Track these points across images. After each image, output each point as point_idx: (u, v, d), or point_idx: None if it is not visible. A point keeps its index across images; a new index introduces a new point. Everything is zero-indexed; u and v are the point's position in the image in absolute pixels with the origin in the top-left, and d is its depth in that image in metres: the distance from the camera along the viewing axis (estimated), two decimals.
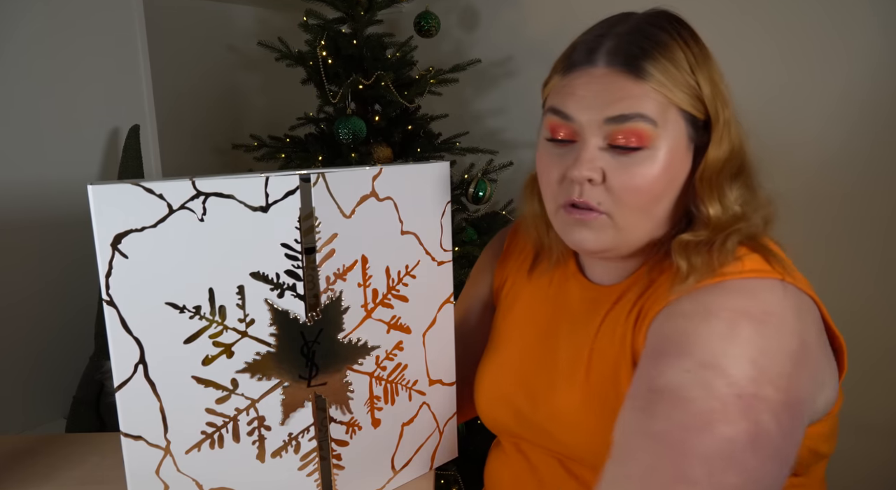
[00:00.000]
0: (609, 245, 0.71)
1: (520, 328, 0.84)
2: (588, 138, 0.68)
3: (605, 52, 0.68)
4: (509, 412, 0.81)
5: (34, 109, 1.50)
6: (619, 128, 0.66)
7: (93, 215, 0.55)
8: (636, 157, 0.67)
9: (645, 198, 0.68)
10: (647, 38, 0.68)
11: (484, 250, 0.97)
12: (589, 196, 0.69)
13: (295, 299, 0.64)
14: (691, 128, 0.69)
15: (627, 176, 0.67)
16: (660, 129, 0.66)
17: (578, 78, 0.69)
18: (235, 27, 2.07)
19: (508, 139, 2.10)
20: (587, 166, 0.68)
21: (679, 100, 0.67)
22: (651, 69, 0.66)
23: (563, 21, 1.97)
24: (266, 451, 0.66)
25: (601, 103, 0.67)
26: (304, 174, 0.63)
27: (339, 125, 1.58)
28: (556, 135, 0.71)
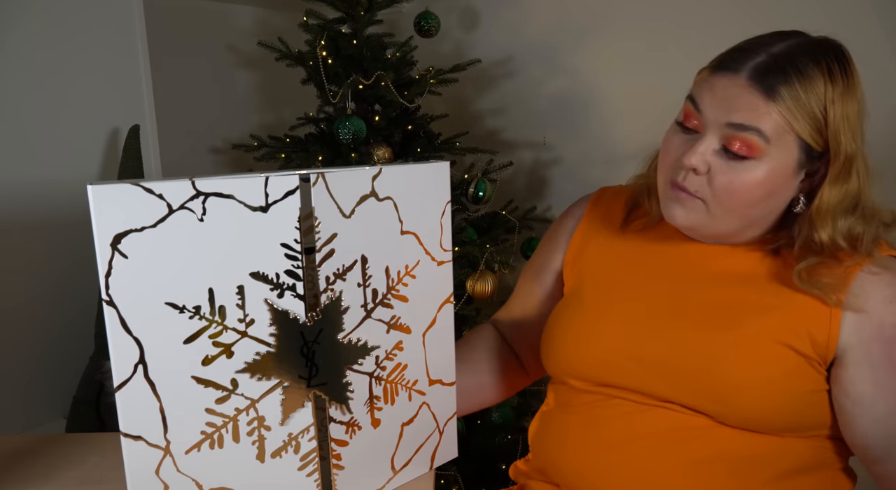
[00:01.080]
0: (696, 224, 0.79)
1: (628, 281, 0.88)
2: (708, 134, 0.76)
3: (752, 65, 0.74)
4: (625, 355, 0.82)
5: (34, 109, 1.50)
6: (735, 134, 0.74)
7: (92, 215, 0.55)
8: (742, 164, 0.74)
9: (738, 201, 0.76)
10: (794, 65, 0.73)
11: (557, 221, 1.02)
12: (690, 183, 0.77)
13: (295, 299, 0.64)
14: (804, 155, 0.75)
15: (728, 178, 0.75)
16: (771, 146, 0.73)
17: (721, 79, 0.75)
18: (235, 27, 2.07)
19: (508, 139, 2.10)
20: (697, 158, 0.75)
21: (800, 129, 0.73)
22: (784, 93, 0.72)
23: (563, 21, 1.98)
24: (266, 452, 0.66)
25: (730, 108, 0.74)
26: (304, 174, 0.63)
27: (339, 125, 1.58)
28: (687, 121, 0.79)
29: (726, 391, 0.76)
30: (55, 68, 1.53)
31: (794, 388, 0.76)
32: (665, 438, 0.79)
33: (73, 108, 1.57)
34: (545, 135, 2.05)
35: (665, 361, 0.80)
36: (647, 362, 0.81)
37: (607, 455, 0.81)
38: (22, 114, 1.48)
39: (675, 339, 0.80)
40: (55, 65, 1.53)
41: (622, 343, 0.83)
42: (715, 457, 0.77)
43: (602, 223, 0.95)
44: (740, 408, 0.76)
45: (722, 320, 0.79)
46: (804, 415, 0.77)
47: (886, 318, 0.74)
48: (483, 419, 1.69)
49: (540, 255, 1.02)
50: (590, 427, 0.84)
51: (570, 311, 0.90)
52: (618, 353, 0.83)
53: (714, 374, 0.77)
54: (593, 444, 0.83)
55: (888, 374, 0.74)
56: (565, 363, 0.88)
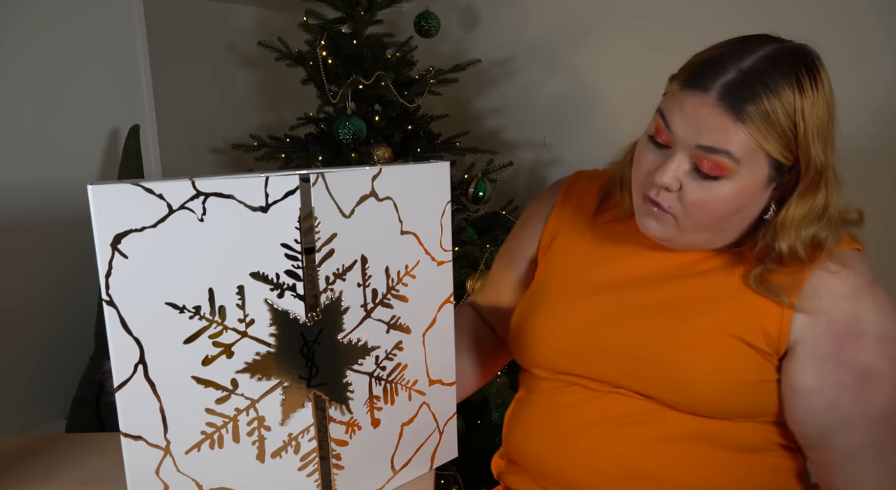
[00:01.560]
0: (669, 237, 0.81)
1: (592, 275, 0.89)
2: (678, 152, 0.76)
3: (721, 84, 0.72)
4: (590, 353, 0.85)
5: (34, 109, 1.50)
6: (705, 156, 0.74)
7: (93, 215, 0.55)
8: (713, 184, 0.75)
9: (709, 217, 0.77)
10: (762, 81, 0.72)
11: (532, 206, 1.03)
12: (662, 199, 0.78)
13: (295, 299, 0.64)
14: (774, 171, 0.75)
15: (699, 196, 0.76)
16: (741, 166, 0.73)
17: (691, 98, 0.74)
18: (235, 27, 2.07)
19: (508, 139, 2.10)
20: (669, 176, 0.76)
21: (770, 148, 0.73)
22: (753, 114, 0.71)
23: (563, 21, 1.98)
24: (266, 452, 0.66)
25: (699, 129, 0.74)
26: (304, 174, 0.63)
27: (339, 125, 1.58)
28: (658, 137, 0.78)
29: (678, 381, 0.79)
30: (55, 68, 1.53)
31: (743, 379, 0.78)
32: (619, 422, 0.82)
33: (73, 108, 1.57)
34: (545, 135, 2.05)
35: (620, 351, 0.83)
36: (603, 352, 0.84)
37: (565, 440, 0.85)
38: (22, 114, 1.48)
39: (631, 330, 0.83)
40: (55, 65, 1.53)
41: (581, 334, 0.86)
42: (666, 437, 0.81)
43: (574, 212, 0.96)
44: (691, 397, 0.79)
45: (677, 313, 0.82)
46: (753, 403, 0.80)
47: (838, 315, 0.76)
48: (483, 419, 1.69)
49: (514, 240, 1.04)
50: (549, 413, 0.87)
51: (536, 302, 0.92)
52: (576, 343, 0.86)
53: (667, 366, 0.80)
54: (552, 430, 0.86)
55: (832, 369, 0.76)
56: (528, 354, 0.90)
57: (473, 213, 1.78)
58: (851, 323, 0.76)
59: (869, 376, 0.75)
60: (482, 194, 1.67)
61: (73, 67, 1.56)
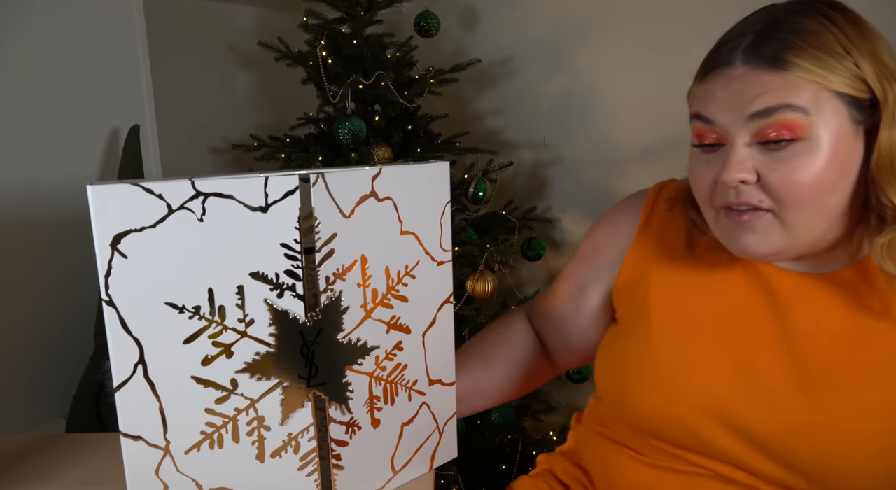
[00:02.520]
0: (778, 247, 0.67)
1: (700, 322, 0.75)
2: (735, 140, 0.65)
3: (741, 51, 0.65)
4: (715, 420, 0.70)
5: (34, 109, 1.50)
6: (766, 122, 0.63)
7: (92, 215, 0.55)
8: (792, 151, 0.63)
9: (810, 192, 0.64)
10: (786, 28, 0.64)
11: (606, 233, 0.88)
12: (749, 196, 0.65)
13: (294, 299, 0.64)
14: (854, 110, 0.64)
15: (785, 171, 0.64)
16: (813, 116, 0.62)
17: (716, 81, 0.66)
18: (235, 27, 2.07)
19: (508, 139, 2.10)
20: (737, 168, 0.65)
21: (833, 83, 0.62)
22: (793, 58, 0.62)
23: (563, 21, 1.98)
24: (266, 452, 0.66)
25: (742, 102, 0.64)
26: (304, 174, 0.63)
27: (339, 125, 1.58)
28: (703, 140, 0.69)
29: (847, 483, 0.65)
30: (55, 68, 1.53)
31: None
32: None
33: (73, 108, 1.57)
34: (545, 135, 2.05)
35: (772, 438, 0.67)
36: (745, 435, 0.68)
37: None
38: (22, 114, 1.48)
39: (782, 410, 0.67)
40: (55, 65, 1.53)
41: (711, 405, 0.70)
42: None
43: (659, 242, 0.81)
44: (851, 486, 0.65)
45: (836, 387, 0.66)
46: None
47: None
48: (483, 419, 1.69)
49: (582, 266, 0.89)
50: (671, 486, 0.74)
51: (636, 350, 0.77)
52: (706, 417, 0.70)
53: (830, 459, 0.65)
54: None
55: None
56: (636, 419, 0.76)
57: (473, 213, 1.78)
58: None
59: None
60: (482, 194, 1.67)
61: (73, 67, 1.57)
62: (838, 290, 0.70)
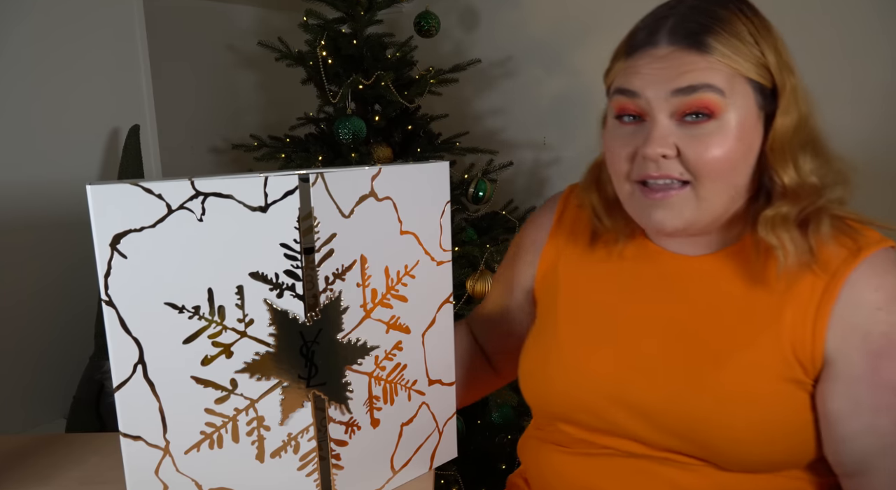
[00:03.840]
0: (689, 222, 0.71)
1: (596, 308, 0.81)
2: (657, 114, 0.69)
3: (666, 32, 0.69)
4: (608, 398, 0.76)
5: (34, 109, 1.50)
6: (687, 99, 0.68)
7: (92, 215, 0.55)
8: (707, 128, 0.68)
9: (723, 167, 0.69)
10: (706, 14, 0.69)
11: (527, 229, 0.94)
12: (669, 169, 0.70)
13: (294, 299, 0.64)
14: (760, 96, 0.70)
15: (702, 147, 0.68)
16: (728, 98, 0.68)
17: (641, 58, 0.70)
18: (235, 27, 2.07)
19: (508, 139, 2.10)
20: (660, 142, 0.69)
21: (745, 69, 0.68)
22: (713, 43, 0.67)
23: (563, 21, 1.98)
24: (265, 451, 0.66)
25: (667, 78, 0.68)
26: (303, 174, 0.63)
27: (339, 125, 1.58)
28: (624, 111, 0.72)
29: (718, 440, 0.71)
30: (56, 69, 1.53)
31: (791, 424, 0.71)
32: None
33: (73, 108, 1.57)
34: (545, 135, 2.05)
35: (657, 409, 0.74)
36: (637, 409, 0.75)
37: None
38: (22, 114, 1.48)
39: (664, 382, 0.74)
40: (55, 65, 1.53)
41: (607, 386, 0.77)
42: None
43: (569, 237, 0.87)
44: (735, 456, 0.71)
45: (709, 358, 0.73)
46: (806, 448, 0.72)
47: (875, 328, 0.68)
48: (483, 419, 1.69)
49: (508, 268, 0.94)
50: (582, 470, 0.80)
51: (545, 342, 0.83)
52: (604, 397, 0.77)
53: (704, 423, 0.71)
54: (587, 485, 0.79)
55: (868, 390, 0.68)
56: (548, 408, 0.83)
57: (473, 213, 1.78)
58: (891, 336, 0.67)
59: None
60: (482, 194, 1.67)
61: (74, 68, 1.57)
62: (725, 265, 0.76)
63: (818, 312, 0.70)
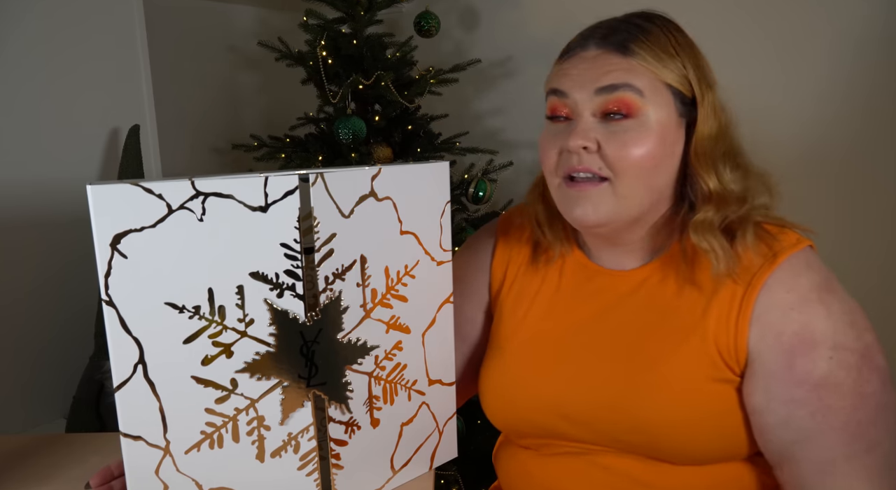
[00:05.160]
0: (608, 216, 0.75)
1: (540, 325, 0.85)
2: (582, 112, 0.75)
3: (596, 38, 0.76)
4: (553, 414, 0.80)
5: (34, 109, 1.50)
6: (609, 97, 0.73)
7: (92, 215, 0.55)
8: (626, 125, 0.73)
9: (641, 165, 0.73)
10: (633, 26, 0.76)
11: (467, 248, 0.96)
12: (589, 163, 0.74)
13: (294, 299, 0.64)
14: (679, 103, 0.75)
15: (620, 143, 0.73)
16: (647, 99, 0.73)
17: (572, 61, 0.77)
18: (235, 27, 2.07)
19: (508, 139, 2.10)
20: (581, 135, 0.73)
21: (665, 76, 0.73)
22: (636, 48, 0.73)
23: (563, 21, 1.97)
24: (265, 451, 0.66)
25: (592, 78, 0.74)
26: (303, 174, 0.63)
27: (339, 125, 1.58)
28: (556, 112, 0.77)
29: (656, 438, 0.75)
30: (55, 69, 1.53)
31: (727, 419, 0.75)
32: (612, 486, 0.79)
33: (73, 107, 1.57)
34: None
35: (601, 418, 0.77)
36: (583, 422, 0.79)
37: None
38: (22, 113, 1.48)
39: (604, 393, 0.78)
40: (55, 65, 1.53)
41: (552, 404, 0.80)
42: None
43: (513, 254, 0.91)
44: (675, 452, 0.75)
45: (641, 360, 0.77)
46: (738, 442, 0.76)
47: (788, 327, 0.72)
48: (483, 419, 1.69)
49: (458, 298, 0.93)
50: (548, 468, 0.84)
51: (496, 365, 0.87)
52: (544, 411, 0.81)
53: (641, 422, 0.75)
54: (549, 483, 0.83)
55: (781, 385, 0.71)
56: (503, 424, 0.87)
57: (473, 213, 1.78)
58: (802, 334, 0.71)
59: (826, 387, 0.70)
60: (482, 194, 1.67)
61: (74, 68, 1.56)
62: (655, 275, 0.80)
63: (739, 316, 0.74)
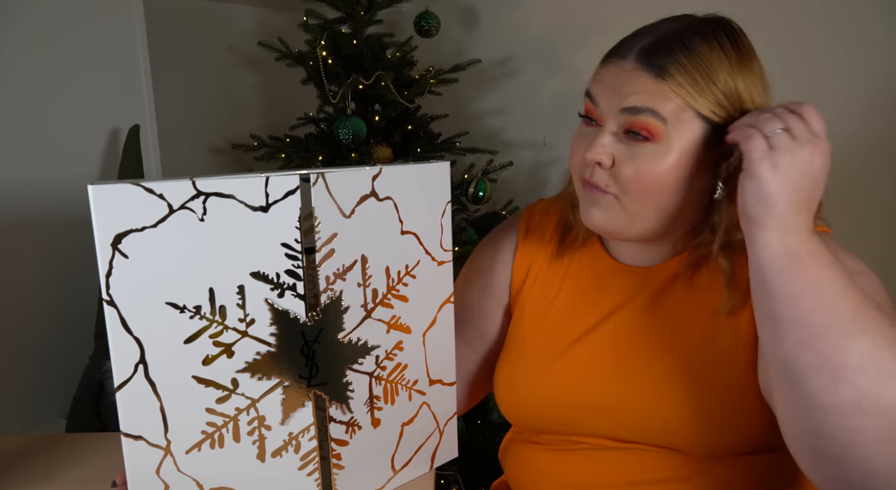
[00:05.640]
0: (616, 227, 0.75)
1: (563, 321, 0.84)
2: (607, 124, 0.73)
3: (638, 49, 0.72)
4: (576, 408, 0.80)
5: (34, 109, 1.50)
6: (631, 118, 0.70)
7: (93, 215, 0.55)
8: (645, 149, 0.71)
9: (649, 189, 0.71)
10: (680, 42, 0.70)
11: (490, 242, 0.95)
12: (598, 178, 0.74)
13: (295, 299, 0.64)
14: (710, 132, 0.70)
15: (633, 166, 0.71)
16: (670, 127, 0.70)
17: (611, 68, 0.74)
18: (235, 27, 2.07)
19: (508, 139, 2.10)
20: (598, 150, 0.72)
21: (699, 105, 0.69)
22: (673, 71, 0.69)
23: (563, 21, 1.98)
24: (266, 451, 0.66)
25: (621, 94, 0.71)
26: (304, 174, 0.63)
27: (339, 125, 1.58)
28: (588, 114, 0.76)
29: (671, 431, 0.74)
30: (55, 68, 1.53)
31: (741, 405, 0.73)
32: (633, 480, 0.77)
33: (73, 108, 1.58)
34: (545, 135, 2.05)
35: (607, 406, 0.77)
36: (593, 410, 0.79)
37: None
38: (22, 114, 1.48)
39: (608, 382, 0.78)
40: (55, 65, 1.53)
41: (568, 395, 0.80)
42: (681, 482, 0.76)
43: (537, 248, 0.90)
44: (700, 442, 0.74)
45: (646, 354, 0.77)
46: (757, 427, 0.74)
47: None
48: (483, 419, 1.69)
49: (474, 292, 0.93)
50: (559, 465, 0.83)
51: (514, 359, 0.86)
52: (568, 406, 0.80)
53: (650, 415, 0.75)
54: (566, 481, 0.81)
55: None
56: (522, 421, 0.86)
57: (473, 213, 1.78)
58: None
59: None
60: (482, 194, 1.68)
61: (74, 67, 1.57)
62: (670, 273, 0.79)
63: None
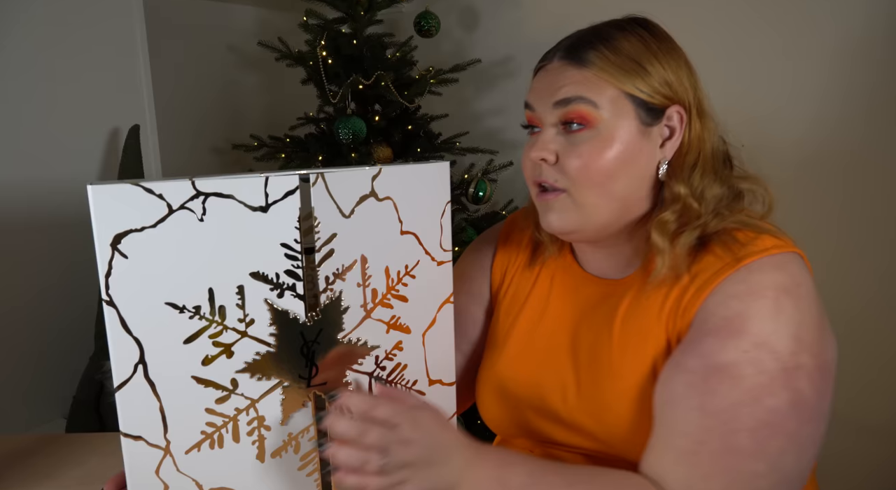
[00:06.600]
0: (574, 226, 0.76)
1: (529, 327, 0.86)
2: (545, 124, 0.76)
3: (560, 50, 0.77)
4: (541, 417, 0.82)
5: (34, 109, 1.50)
6: (564, 110, 0.74)
7: (92, 215, 0.55)
8: (582, 136, 0.73)
9: (595, 175, 0.73)
10: (599, 36, 0.75)
11: (472, 249, 0.97)
12: (547, 175, 0.75)
13: (294, 299, 0.64)
14: (644, 112, 0.73)
15: (576, 155, 0.73)
16: (602, 110, 0.72)
17: (540, 74, 0.78)
18: (235, 27, 2.07)
19: (508, 139, 2.10)
20: (540, 147, 0.75)
21: (626, 86, 0.72)
22: (592, 58, 0.73)
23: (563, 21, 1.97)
24: (266, 451, 0.66)
25: (550, 91, 0.75)
26: (304, 174, 0.63)
27: (339, 125, 1.58)
28: (530, 124, 0.79)
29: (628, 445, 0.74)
30: (55, 68, 1.53)
31: None
32: None
33: (73, 108, 1.58)
34: None
35: (567, 419, 0.79)
36: (559, 422, 0.80)
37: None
38: (22, 114, 1.48)
39: (570, 396, 0.79)
40: (55, 65, 1.53)
41: (534, 403, 0.82)
42: None
43: (512, 257, 0.91)
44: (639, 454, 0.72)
45: (605, 368, 0.77)
46: None
47: (720, 312, 0.68)
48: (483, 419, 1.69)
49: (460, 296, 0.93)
50: None
51: (488, 362, 0.88)
52: (532, 413, 0.82)
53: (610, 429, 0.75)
54: None
55: (681, 350, 0.69)
56: (495, 422, 0.89)
57: (473, 213, 1.78)
58: (731, 320, 0.67)
59: (720, 374, 0.65)
60: (482, 194, 1.68)
61: (73, 67, 1.57)
62: (632, 285, 0.78)
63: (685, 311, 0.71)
